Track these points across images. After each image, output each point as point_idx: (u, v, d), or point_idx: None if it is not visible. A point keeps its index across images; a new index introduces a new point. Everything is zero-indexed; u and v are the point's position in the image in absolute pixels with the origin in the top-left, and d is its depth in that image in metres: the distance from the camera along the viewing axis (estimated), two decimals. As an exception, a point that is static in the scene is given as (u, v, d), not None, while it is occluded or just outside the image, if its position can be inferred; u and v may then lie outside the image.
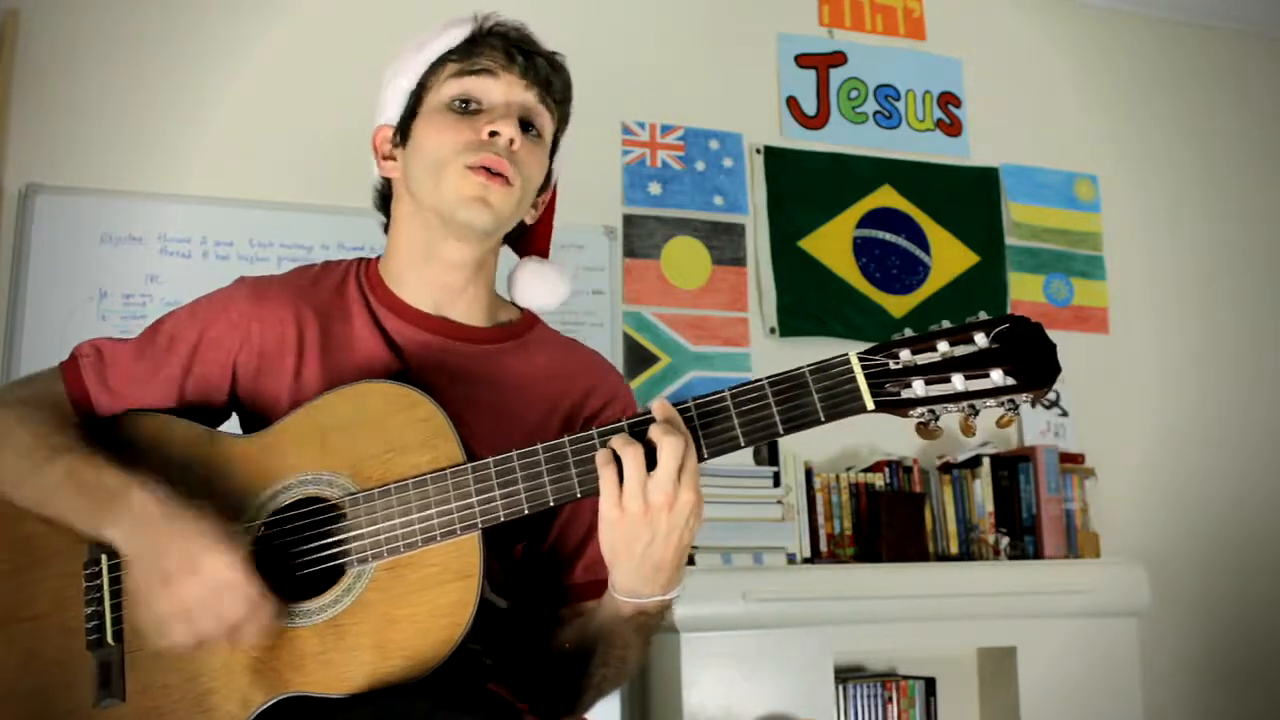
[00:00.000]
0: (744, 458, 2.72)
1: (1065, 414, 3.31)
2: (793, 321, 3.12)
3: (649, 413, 1.08)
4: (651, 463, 1.04)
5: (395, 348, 1.27)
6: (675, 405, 1.07)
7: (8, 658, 1.15)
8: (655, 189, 3.11)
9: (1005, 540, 2.97)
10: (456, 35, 1.29)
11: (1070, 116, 3.58)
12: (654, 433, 1.04)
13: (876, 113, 3.37)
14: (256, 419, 1.25)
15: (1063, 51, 3.61)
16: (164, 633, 1.06)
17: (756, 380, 1.07)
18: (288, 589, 1.11)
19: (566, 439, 1.09)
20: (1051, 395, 3.27)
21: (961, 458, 3.10)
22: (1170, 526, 3.37)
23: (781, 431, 1.06)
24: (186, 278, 2.61)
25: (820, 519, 2.88)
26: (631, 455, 1.04)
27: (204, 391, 1.26)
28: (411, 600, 1.08)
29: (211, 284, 1.32)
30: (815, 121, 3.31)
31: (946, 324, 1.06)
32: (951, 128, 3.44)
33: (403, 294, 1.30)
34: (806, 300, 3.15)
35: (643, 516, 1.04)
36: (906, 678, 2.86)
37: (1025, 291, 3.39)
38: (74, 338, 1.30)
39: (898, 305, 3.25)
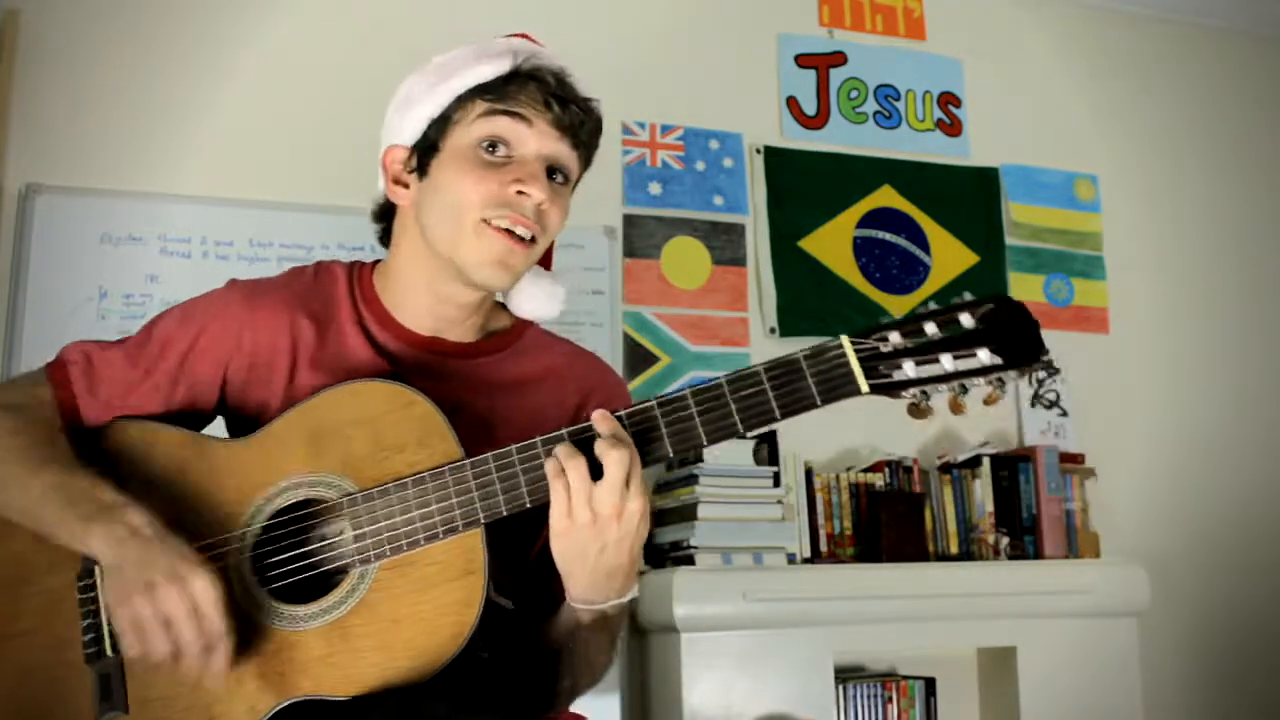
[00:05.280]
0: (744, 457, 2.72)
1: (1065, 414, 3.31)
2: (793, 321, 3.11)
3: (589, 426, 1.08)
4: (598, 473, 1.05)
5: (389, 359, 1.26)
6: (673, 396, 1.08)
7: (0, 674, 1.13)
8: (655, 189, 3.10)
9: (1005, 540, 2.97)
10: (491, 70, 1.21)
11: (1070, 116, 3.57)
12: (600, 447, 1.05)
13: (876, 113, 3.37)
14: (245, 425, 1.24)
15: (1063, 51, 3.61)
16: (136, 639, 1.04)
17: (752, 367, 1.08)
18: (289, 593, 1.11)
19: (565, 431, 1.09)
20: (1051, 395, 3.27)
21: (961, 458, 3.09)
22: (1170, 526, 3.37)
23: (779, 416, 1.07)
24: (186, 278, 2.60)
25: (820, 519, 2.88)
26: (575, 468, 1.05)
27: (193, 397, 1.25)
28: (416, 599, 1.07)
29: (211, 284, 1.31)
30: (815, 121, 3.31)
31: (933, 305, 1.08)
32: (951, 128, 3.44)
33: (399, 315, 1.28)
34: (806, 300, 3.15)
35: (591, 526, 1.06)
36: (906, 678, 2.86)
37: (1025, 291, 3.38)
38: (74, 338, 1.29)
39: (898, 305, 3.24)
